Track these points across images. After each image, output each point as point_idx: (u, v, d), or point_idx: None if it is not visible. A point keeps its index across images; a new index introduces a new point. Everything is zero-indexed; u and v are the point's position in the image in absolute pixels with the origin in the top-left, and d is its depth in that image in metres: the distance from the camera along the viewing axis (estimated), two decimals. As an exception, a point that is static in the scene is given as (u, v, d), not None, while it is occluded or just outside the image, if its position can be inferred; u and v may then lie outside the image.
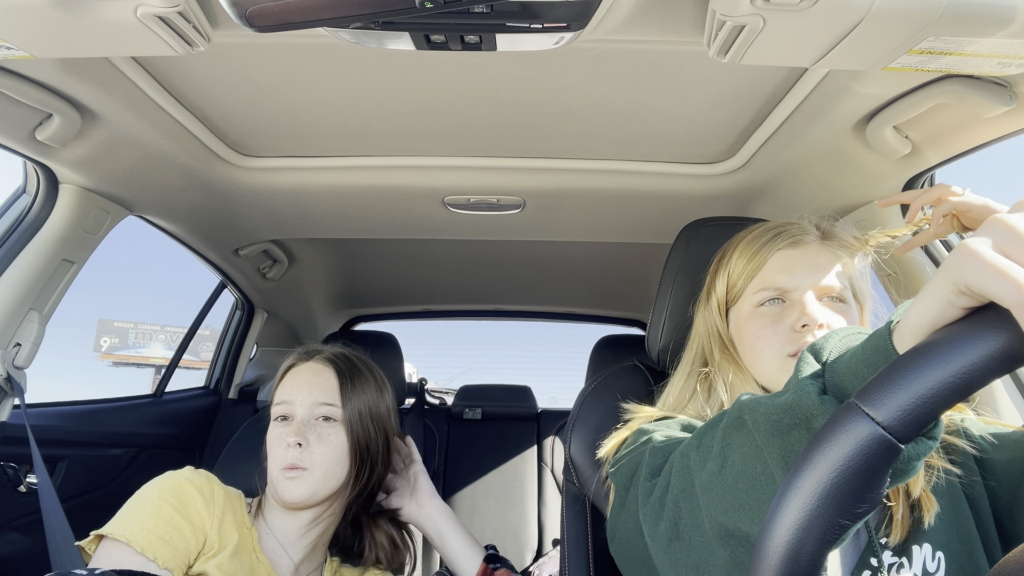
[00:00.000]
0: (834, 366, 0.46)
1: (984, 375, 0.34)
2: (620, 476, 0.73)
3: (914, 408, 0.34)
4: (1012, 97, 0.83)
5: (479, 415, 2.39)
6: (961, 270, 0.35)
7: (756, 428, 0.49)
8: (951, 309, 0.37)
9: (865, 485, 0.35)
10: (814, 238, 0.82)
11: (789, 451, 0.46)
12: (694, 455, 0.57)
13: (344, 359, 1.06)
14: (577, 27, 0.72)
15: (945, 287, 0.37)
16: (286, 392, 1.02)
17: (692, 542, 0.55)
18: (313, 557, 1.03)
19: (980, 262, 0.34)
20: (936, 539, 0.64)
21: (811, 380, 0.46)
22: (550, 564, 1.93)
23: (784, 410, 0.46)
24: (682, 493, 0.58)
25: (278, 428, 1.00)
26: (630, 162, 1.34)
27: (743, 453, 0.50)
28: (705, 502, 0.53)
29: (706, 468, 0.54)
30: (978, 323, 0.35)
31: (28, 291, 1.21)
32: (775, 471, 0.47)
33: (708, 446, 0.56)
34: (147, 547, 0.82)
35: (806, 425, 0.45)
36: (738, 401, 0.54)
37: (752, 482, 0.49)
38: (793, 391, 0.46)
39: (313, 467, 0.96)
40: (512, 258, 2.15)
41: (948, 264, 0.37)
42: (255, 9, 0.60)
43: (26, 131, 1.04)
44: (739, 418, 0.52)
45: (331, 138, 1.27)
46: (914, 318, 0.39)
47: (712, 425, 0.58)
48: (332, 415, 1.00)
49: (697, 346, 0.88)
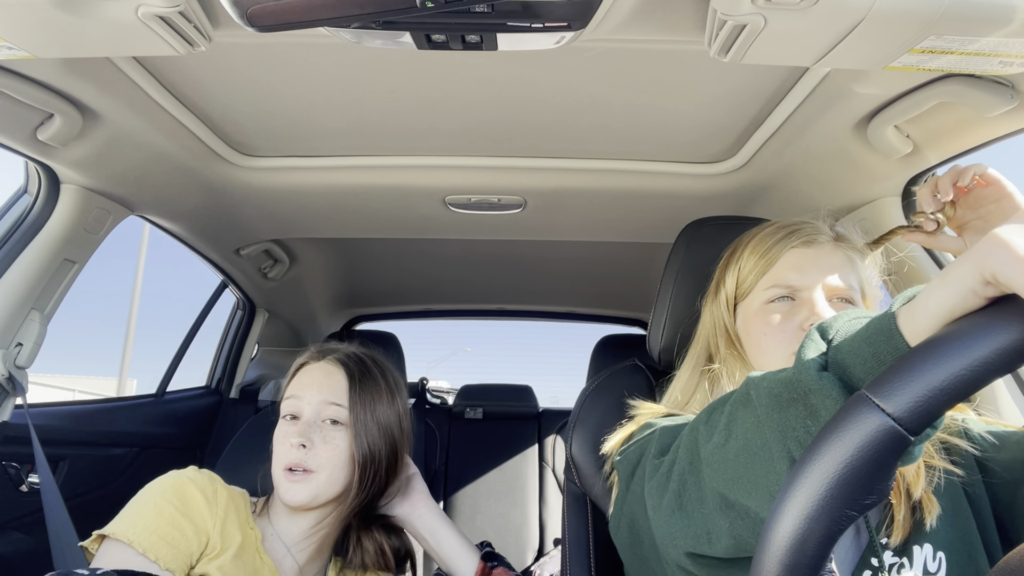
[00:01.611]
0: (838, 345, 0.46)
1: (999, 369, 0.33)
2: (626, 463, 0.74)
3: (926, 401, 0.34)
4: (1014, 96, 0.83)
5: (480, 415, 2.40)
6: (991, 259, 0.35)
7: (759, 402, 0.50)
8: (973, 297, 0.36)
9: (874, 476, 0.35)
10: (827, 238, 0.81)
11: (786, 426, 0.46)
12: (703, 428, 0.58)
13: (357, 361, 1.04)
14: (578, 26, 0.72)
15: (971, 274, 0.36)
16: (295, 388, 1.01)
17: (694, 514, 0.56)
18: (317, 559, 1.03)
19: (1011, 253, 0.34)
20: (937, 539, 0.64)
21: (814, 357, 0.46)
22: (551, 564, 1.93)
23: (784, 384, 0.47)
24: (689, 465, 0.59)
25: (285, 426, 0.99)
26: (631, 162, 1.34)
27: (746, 427, 0.51)
28: (708, 474, 0.54)
29: (712, 441, 0.55)
30: (999, 316, 0.34)
31: (30, 291, 1.22)
32: (773, 447, 0.47)
33: (716, 420, 0.57)
34: (149, 548, 0.82)
35: (803, 400, 0.45)
36: (748, 377, 0.55)
37: (752, 456, 0.49)
38: (795, 366, 0.47)
39: (317, 469, 0.95)
40: (513, 258, 2.15)
41: (978, 252, 0.36)
42: (256, 9, 0.60)
43: (27, 131, 1.04)
44: (746, 393, 0.53)
45: (332, 137, 1.27)
46: (934, 303, 0.38)
47: (722, 401, 0.59)
48: (339, 417, 0.99)
49: (703, 340, 0.88)
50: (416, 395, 2.40)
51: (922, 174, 1.11)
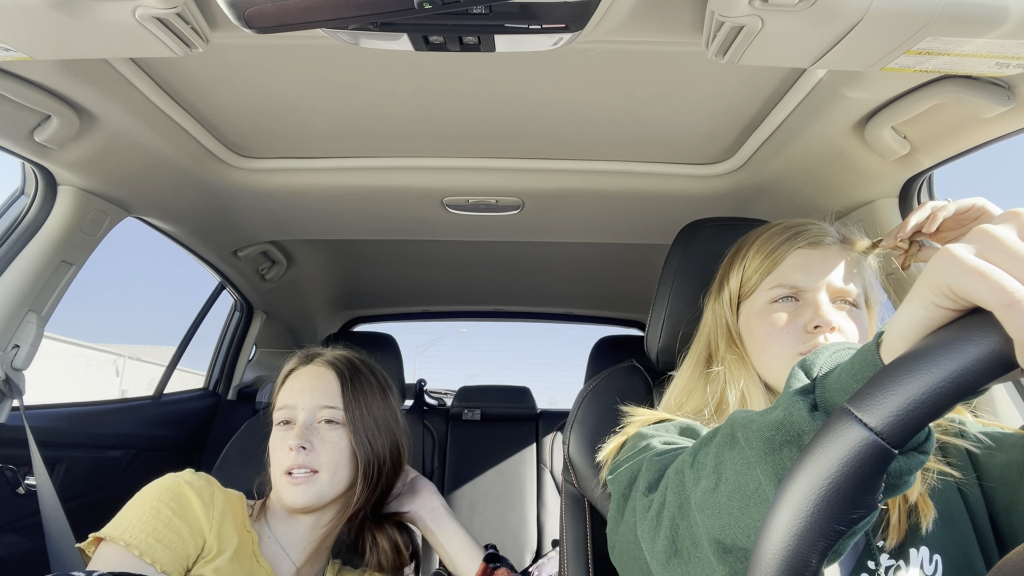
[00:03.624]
0: (824, 382, 0.46)
1: (973, 379, 0.34)
2: (618, 484, 0.73)
3: (906, 413, 0.34)
4: (1010, 97, 0.83)
5: (478, 416, 2.39)
6: (943, 273, 0.36)
7: (748, 445, 0.49)
8: (936, 311, 0.37)
9: (859, 490, 0.35)
10: (834, 240, 0.81)
11: (781, 468, 0.46)
12: (688, 472, 0.57)
13: (345, 361, 1.06)
14: (576, 28, 0.72)
15: (929, 291, 0.37)
16: (287, 396, 1.01)
17: (691, 558, 0.55)
18: (315, 561, 1.03)
19: (961, 265, 0.35)
20: (933, 542, 0.64)
21: (801, 396, 0.46)
22: (549, 565, 1.93)
23: (775, 427, 0.46)
24: (678, 510, 0.57)
25: (280, 432, 0.99)
26: (628, 163, 1.34)
27: (736, 471, 0.50)
28: (702, 520, 0.53)
29: (700, 486, 0.54)
30: (965, 327, 0.35)
31: (26, 293, 1.21)
32: (767, 489, 0.46)
33: (702, 463, 0.56)
34: (145, 550, 0.82)
35: (797, 442, 0.45)
36: (731, 418, 0.54)
37: (746, 499, 0.48)
38: (784, 407, 0.46)
39: (320, 469, 0.96)
40: (511, 259, 2.15)
41: (930, 269, 0.37)
42: (253, 10, 0.60)
43: (24, 132, 1.03)
44: (732, 435, 0.52)
45: (329, 139, 1.27)
46: (901, 324, 0.39)
47: (706, 442, 0.58)
48: (335, 418, 0.99)
49: (704, 339, 0.88)
50: (414, 396, 2.39)
51: (920, 175, 1.11)
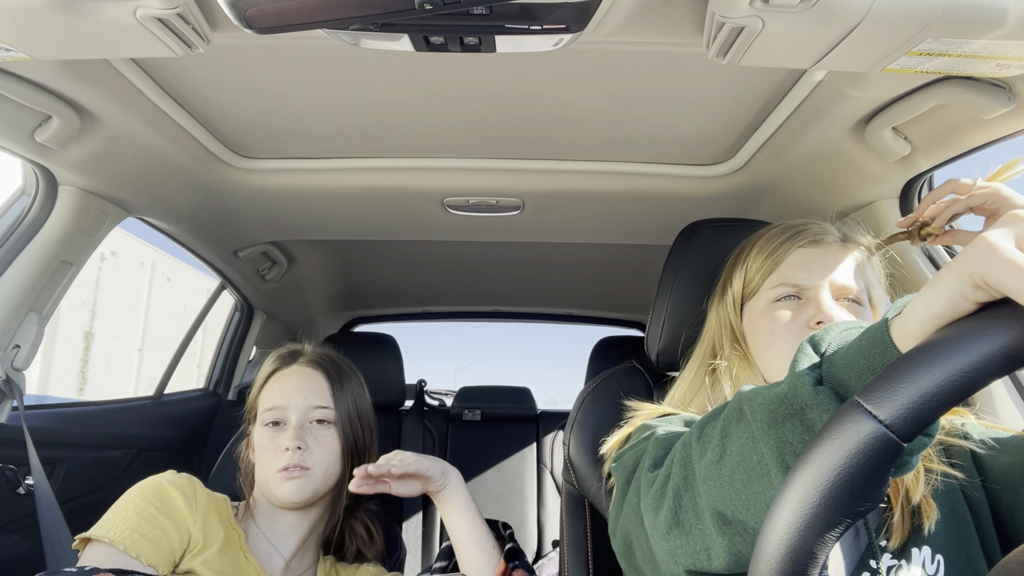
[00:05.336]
0: (831, 358, 0.46)
1: (990, 373, 0.33)
2: (622, 470, 0.74)
3: (918, 407, 0.34)
4: (1011, 99, 0.83)
5: (478, 416, 2.39)
6: (979, 262, 0.35)
7: (753, 418, 0.49)
8: (963, 302, 0.36)
9: (867, 483, 0.35)
10: (835, 239, 0.81)
11: (783, 442, 0.46)
12: (695, 444, 0.58)
13: (330, 361, 1.09)
14: (576, 29, 0.72)
15: (960, 279, 0.36)
16: (276, 398, 1.02)
17: (692, 530, 0.56)
18: (305, 555, 1.04)
19: (1000, 256, 0.34)
20: (936, 542, 0.64)
21: (808, 371, 0.46)
22: (550, 565, 1.93)
23: (780, 400, 0.46)
24: (683, 482, 0.58)
25: (270, 433, 1.00)
26: (629, 164, 1.34)
27: (741, 443, 0.51)
28: (704, 491, 0.54)
29: (706, 457, 0.55)
30: (989, 320, 0.34)
31: (27, 293, 1.21)
32: (770, 462, 0.47)
33: (709, 436, 0.56)
34: (131, 546, 0.83)
35: (800, 416, 0.45)
36: (739, 392, 0.54)
37: (748, 472, 0.49)
38: (789, 381, 0.47)
39: (314, 467, 0.98)
40: (511, 259, 2.15)
41: (965, 256, 0.36)
42: (254, 11, 0.60)
43: (25, 133, 1.04)
44: (739, 408, 0.53)
45: (330, 139, 1.27)
46: (922, 309, 0.38)
47: (714, 415, 0.58)
48: (327, 417, 1.02)
49: (709, 340, 0.88)
50: (414, 397, 2.39)
51: (920, 176, 1.11)
